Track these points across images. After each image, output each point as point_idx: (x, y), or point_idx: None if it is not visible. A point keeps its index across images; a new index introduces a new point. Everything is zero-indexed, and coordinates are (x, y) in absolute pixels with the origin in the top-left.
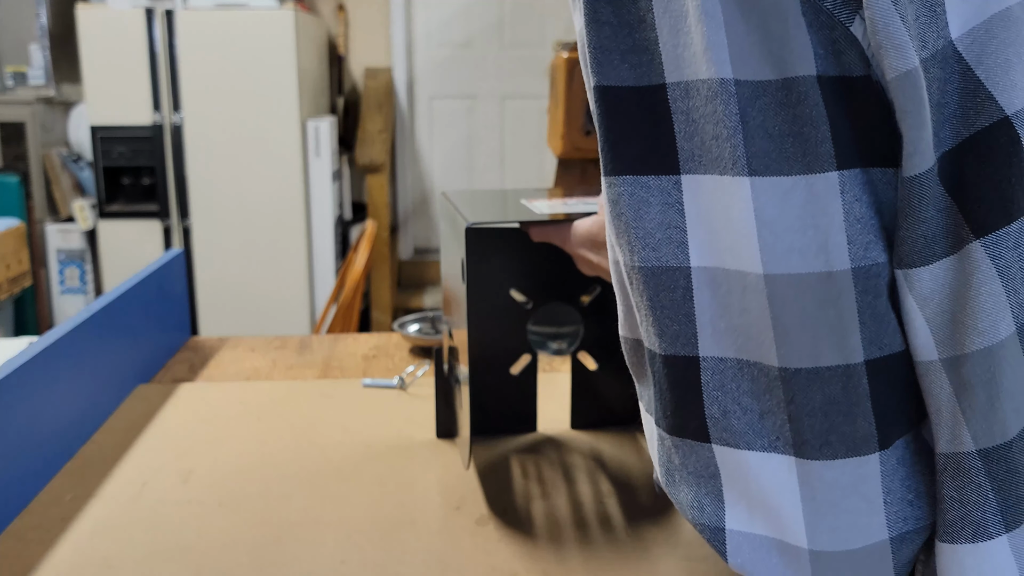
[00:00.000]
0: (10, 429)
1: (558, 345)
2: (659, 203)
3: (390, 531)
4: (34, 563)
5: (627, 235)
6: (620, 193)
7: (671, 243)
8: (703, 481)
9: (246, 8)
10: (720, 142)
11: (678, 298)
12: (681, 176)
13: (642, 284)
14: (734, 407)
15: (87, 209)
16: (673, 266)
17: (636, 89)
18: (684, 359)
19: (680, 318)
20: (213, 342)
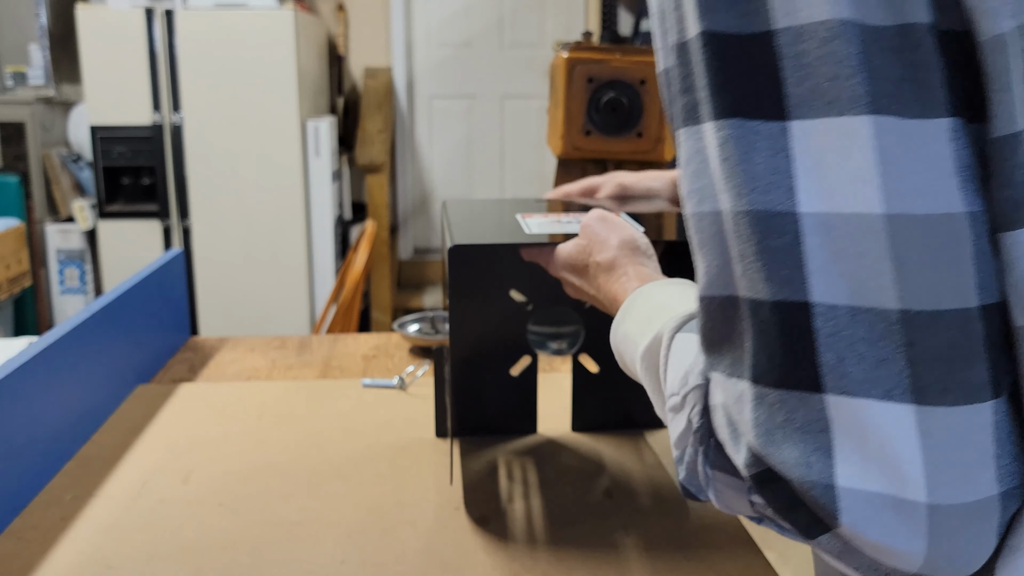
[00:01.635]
0: (10, 429)
1: (558, 345)
2: (766, 148)
3: (390, 531)
4: (34, 563)
5: (733, 179)
6: (727, 136)
7: (779, 188)
8: (811, 436)
9: (246, 8)
10: (839, 83)
11: (787, 243)
12: (789, 123)
13: (749, 229)
14: (849, 354)
15: (87, 209)
16: (782, 211)
17: (743, 36)
18: (795, 305)
19: (790, 263)
20: (213, 342)
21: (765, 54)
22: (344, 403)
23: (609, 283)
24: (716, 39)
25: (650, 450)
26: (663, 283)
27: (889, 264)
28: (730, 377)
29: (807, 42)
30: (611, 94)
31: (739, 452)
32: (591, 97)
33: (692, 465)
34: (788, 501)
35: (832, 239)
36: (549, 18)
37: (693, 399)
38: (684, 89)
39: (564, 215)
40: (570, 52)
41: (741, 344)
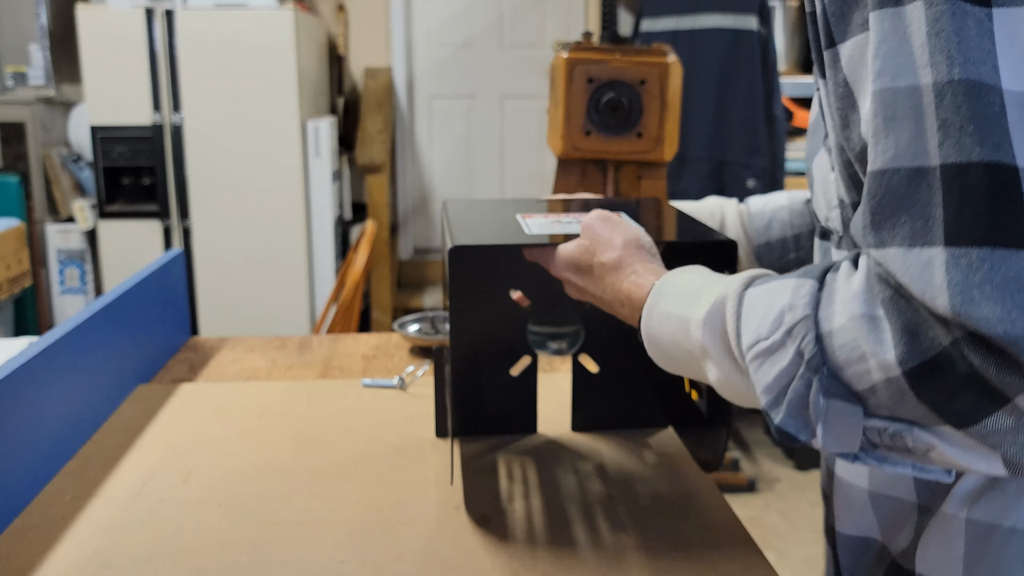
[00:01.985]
0: (11, 429)
1: (558, 345)
2: (975, 28)
3: (390, 530)
4: (35, 562)
5: (947, 50)
6: (942, 11)
7: (987, 64)
8: (1012, 294)
9: (246, 8)
10: None
11: (995, 112)
12: (993, 9)
13: (962, 95)
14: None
15: (87, 209)
16: (990, 84)
17: None
18: (1005, 167)
19: (999, 131)
20: (213, 342)
21: None
22: (344, 403)
23: (618, 281)
24: None
25: (650, 450)
26: (684, 269)
27: None
28: (912, 247)
29: None
30: (611, 94)
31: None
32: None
33: (800, 400)
34: (949, 391)
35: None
36: (549, 18)
37: (802, 330)
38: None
39: (564, 215)
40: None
41: (928, 213)
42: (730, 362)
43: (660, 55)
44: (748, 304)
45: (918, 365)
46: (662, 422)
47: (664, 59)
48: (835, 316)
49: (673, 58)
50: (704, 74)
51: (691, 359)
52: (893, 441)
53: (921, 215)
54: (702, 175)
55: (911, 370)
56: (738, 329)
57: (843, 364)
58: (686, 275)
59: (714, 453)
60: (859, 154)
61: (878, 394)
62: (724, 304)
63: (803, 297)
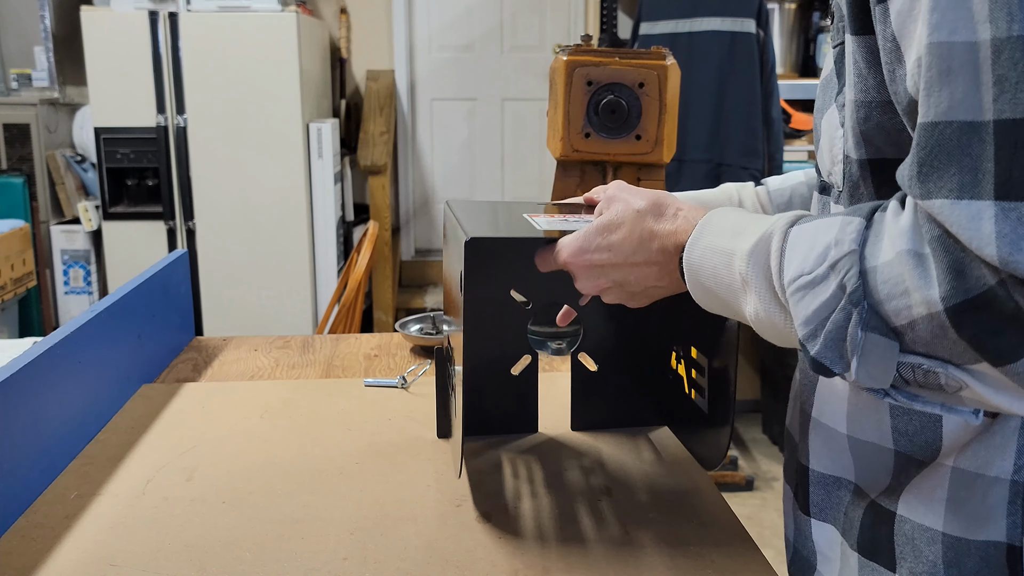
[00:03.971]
0: (15, 428)
1: (558, 345)
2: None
3: (392, 528)
4: (39, 560)
5: (1008, 7)
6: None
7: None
8: None
9: (249, 11)
10: None
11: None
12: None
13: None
14: None
15: (91, 210)
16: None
17: None
18: None
19: None
20: (217, 342)
21: None
22: (346, 402)
23: (660, 223)
24: None
25: (649, 448)
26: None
27: None
28: (960, 199)
29: None
30: (610, 96)
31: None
32: (590, 99)
33: (838, 332)
34: (992, 328)
35: None
36: (549, 22)
37: (846, 264)
38: None
39: (570, 215)
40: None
41: (978, 166)
42: (771, 296)
43: (659, 58)
44: (793, 240)
45: (963, 302)
46: (660, 421)
47: (663, 62)
48: (881, 252)
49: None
50: (702, 77)
51: (731, 293)
52: (926, 378)
53: (971, 168)
54: (700, 177)
55: (955, 306)
56: (781, 264)
57: (884, 299)
58: (732, 213)
59: (716, 451)
60: (907, 107)
61: (917, 329)
62: (770, 239)
63: (850, 233)
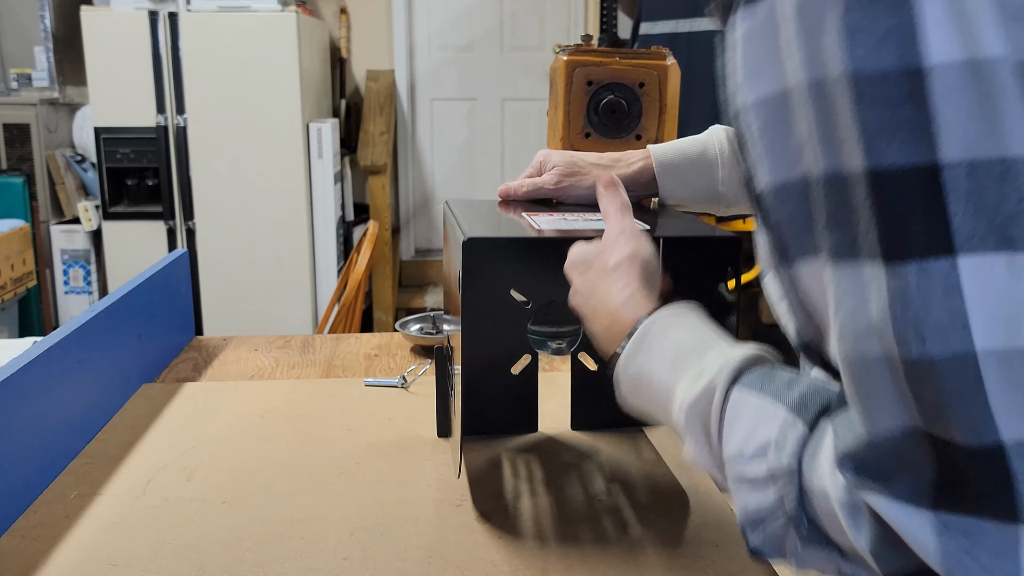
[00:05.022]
0: (15, 428)
1: (558, 345)
2: (940, 289)
3: (392, 528)
4: (39, 560)
5: (913, 326)
6: (905, 284)
7: (955, 329)
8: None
9: (249, 11)
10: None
11: (971, 386)
12: (958, 258)
13: (932, 376)
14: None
15: (91, 210)
16: (961, 353)
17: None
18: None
19: (976, 406)
20: (217, 342)
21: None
22: (347, 402)
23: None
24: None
25: (649, 447)
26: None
27: None
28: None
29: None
30: (610, 96)
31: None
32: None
33: (777, 540)
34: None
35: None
36: (549, 22)
37: (784, 482)
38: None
39: (570, 215)
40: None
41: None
42: (710, 455)
43: (659, 58)
44: (734, 409)
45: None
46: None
47: (663, 62)
48: (821, 479)
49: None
50: (702, 77)
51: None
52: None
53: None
54: None
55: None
56: (720, 432)
57: (824, 524)
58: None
59: None
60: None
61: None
62: (712, 395)
63: (791, 444)
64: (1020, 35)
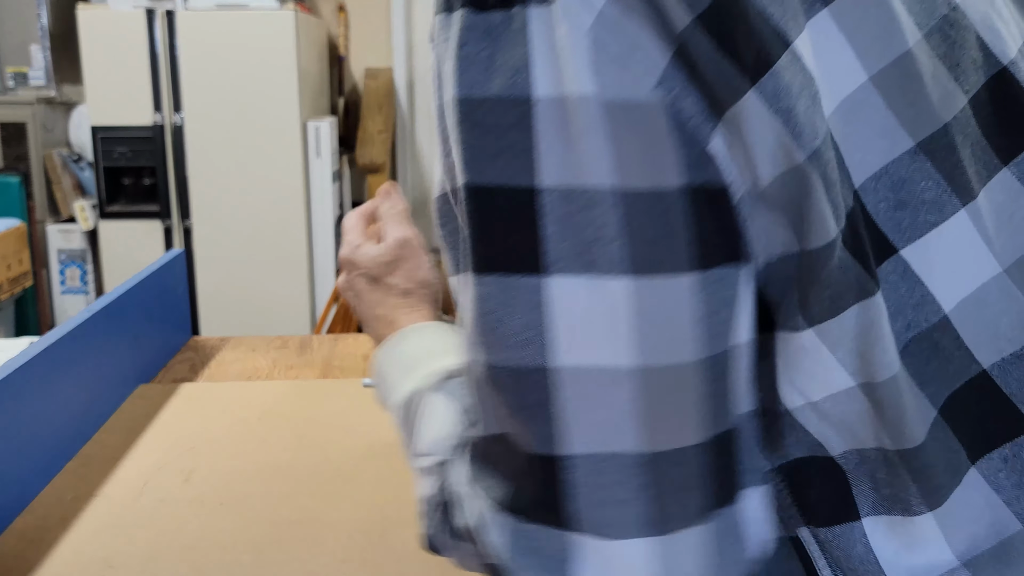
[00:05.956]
0: (11, 429)
1: None
2: (524, 303)
3: (391, 530)
4: (35, 562)
5: (492, 335)
6: (488, 292)
7: (533, 344)
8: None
9: (246, 9)
10: (600, 245)
11: (542, 398)
12: (545, 278)
13: (505, 384)
14: (599, 499)
15: (88, 209)
16: (535, 366)
17: (508, 189)
18: (552, 458)
19: (545, 417)
20: (214, 342)
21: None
22: (345, 403)
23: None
24: (480, 193)
25: None
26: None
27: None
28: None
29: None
30: None
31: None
32: None
33: (437, 529)
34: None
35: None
36: None
37: (440, 471)
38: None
39: None
40: None
41: (504, 474)
42: (410, 453)
43: None
44: (431, 408)
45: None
46: None
47: None
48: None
49: None
50: None
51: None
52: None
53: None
54: None
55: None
56: (416, 430)
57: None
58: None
59: None
60: None
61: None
62: (421, 398)
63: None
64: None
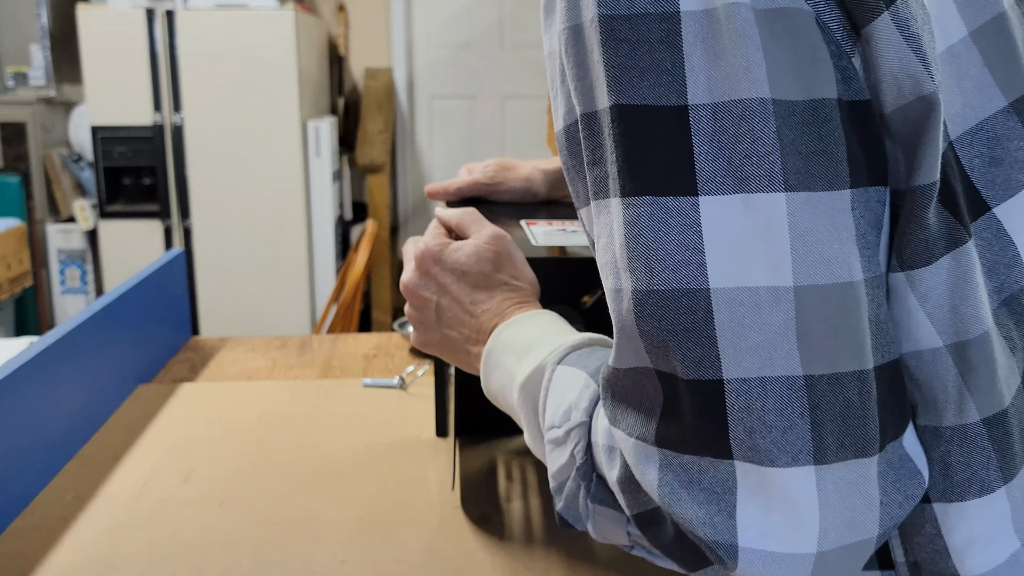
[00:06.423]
0: (11, 429)
1: None
2: (678, 224)
3: (390, 530)
4: (35, 562)
5: (644, 258)
6: (639, 214)
7: (690, 265)
8: (717, 497)
9: (246, 8)
10: (754, 160)
11: (699, 320)
12: (700, 197)
13: (661, 309)
14: (758, 425)
15: (88, 209)
16: (693, 288)
17: (658, 109)
18: (708, 383)
19: (702, 341)
20: (214, 342)
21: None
22: (345, 403)
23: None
24: (628, 112)
25: None
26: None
27: (792, 333)
28: (630, 436)
29: (722, 120)
30: None
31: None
32: None
33: (572, 498)
34: (672, 540)
35: (741, 313)
36: None
37: (577, 435)
38: (594, 162)
39: (568, 223)
40: None
41: (650, 409)
42: (537, 432)
43: None
44: (556, 381)
45: (641, 513)
46: None
47: None
48: (598, 432)
49: None
50: None
51: (511, 411)
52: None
53: (644, 411)
54: None
55: (636, 516)
56: (544, 406)
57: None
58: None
59: None
60: None
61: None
62: (542, 374)
63: (586, 400)
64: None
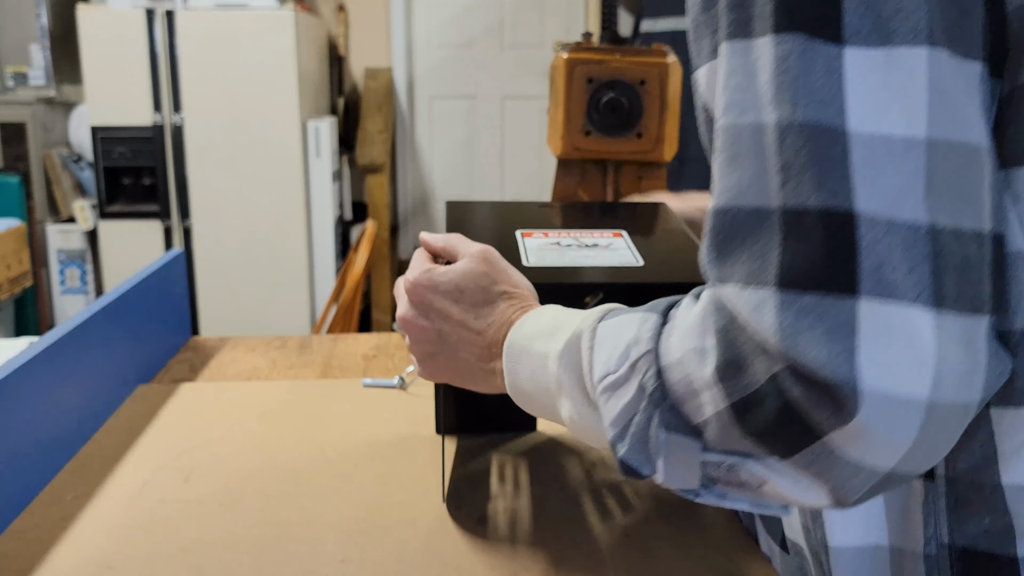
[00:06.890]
0: (11, 429)
1: None
2: (823, 67)
3: (390, 530)
4: (35, 563)
5: (790, 91)
6: (791, 49)
7: (833, 105)
8: (839, 338)
9: (246, 8)
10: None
11: (836, 156)
12: (845, 48)
13: (802, 140)
14: (886, 261)
15: (87, 209)
16: (834, 127)
17: None
18: (841, 214)
19: (838, 175)
20: (214, 342)
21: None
22: (344, 403)
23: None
24: None
25: None
26: (543, 309)
27: (922, 183)
28: (747, 286)
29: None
30: (611, 94)
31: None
32: (591, 97)
33: (641, 434)
34: (771, 422)
35: (875, 158)
36: (549, 19)
37: (644, 364)
38: (736, 4)
39: (564, 235)
40: (570, 52)
41: (766, 253)
42: (583, 396)
43: (660, 55)
44: (600, 337)
45: (740, 400)
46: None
47: (664, 59)
48: (672, 350)
49: (673, 58)
50: None
51: (547, 396)
52: (729, 475)
53: (760, 255)
54: (702, 175)
55: (734, 404)
56: (591, 362)
57: (681, 398)
58: (545, 314)
59: None
60: None
61: (711, 427)
62: (580, 338)
63: (647, 331)
64: None
